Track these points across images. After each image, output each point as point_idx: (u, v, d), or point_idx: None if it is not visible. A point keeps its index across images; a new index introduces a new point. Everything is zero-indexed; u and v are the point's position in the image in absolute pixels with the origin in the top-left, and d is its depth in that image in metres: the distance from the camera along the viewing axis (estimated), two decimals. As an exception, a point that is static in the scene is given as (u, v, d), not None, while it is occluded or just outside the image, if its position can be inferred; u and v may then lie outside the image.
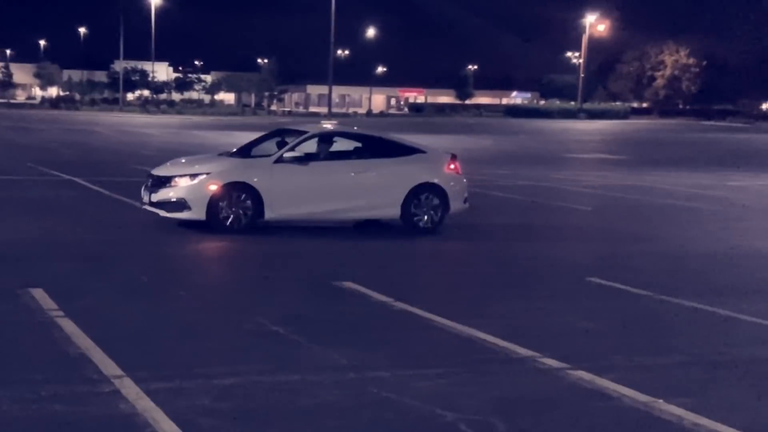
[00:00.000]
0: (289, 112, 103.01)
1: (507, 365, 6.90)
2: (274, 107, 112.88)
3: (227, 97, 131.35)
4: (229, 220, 12.34)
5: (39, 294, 8.19)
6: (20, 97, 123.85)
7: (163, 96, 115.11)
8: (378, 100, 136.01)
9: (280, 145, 13.15)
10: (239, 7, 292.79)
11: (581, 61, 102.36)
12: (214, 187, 12.27)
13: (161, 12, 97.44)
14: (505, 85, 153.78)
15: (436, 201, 13.46)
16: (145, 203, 12.74)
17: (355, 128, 15.47)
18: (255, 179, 12.46)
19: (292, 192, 12.67)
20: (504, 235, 14.29)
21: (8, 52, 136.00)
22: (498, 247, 13.09)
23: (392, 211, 13.29)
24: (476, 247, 13.01)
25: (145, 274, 9.80)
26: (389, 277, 10.41)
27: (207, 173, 12.44)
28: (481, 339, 7.54)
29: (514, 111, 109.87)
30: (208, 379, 6.10)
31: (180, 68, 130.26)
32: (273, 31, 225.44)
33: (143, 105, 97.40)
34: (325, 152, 13.38)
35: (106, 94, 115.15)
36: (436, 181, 13.53)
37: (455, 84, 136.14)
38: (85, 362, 6.32)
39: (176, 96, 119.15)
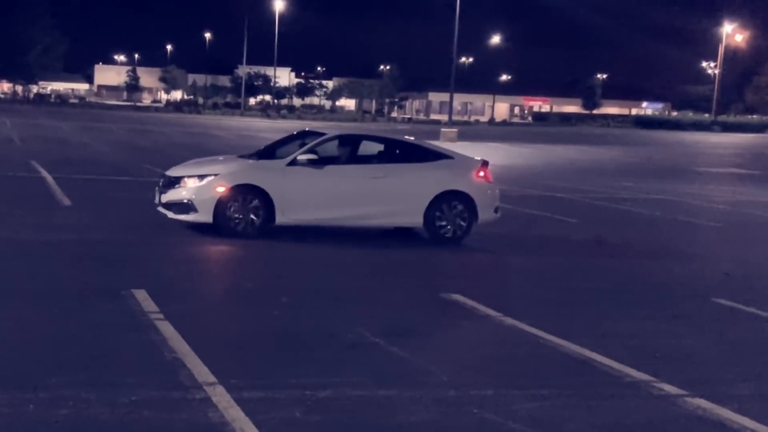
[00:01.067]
0: (409, 119, 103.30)
1: (619, 389, 6.42)
2: (394, 114, 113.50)
3: (348, 103, 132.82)
4: (238, 223, 11.89)
5: (141, 295, 8.16)
6: (146, 100, 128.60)
7: (285, 101, 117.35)
8: (501, 108, 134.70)
9: (302, 147, 12.66)
10: (363, 13, 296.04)
11: (717, 71, 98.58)
12: (221, 189, 11.86)
13: (286, 18, 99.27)
14: (635, 94, 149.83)
15: (462, 210, 12.74)
16: (157, 204, 12.51)
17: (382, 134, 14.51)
18: (265, 182, 11.97)
19: (306, 196, 12.14)
20: (623, 251, 13.58)
21: (136, 56, 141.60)
22: (615, 263, 12.43)
23: (414, 219, 12.66)
24: (591, 263, 12.35)
25: (251, 279, 9.70)
26: (496, 290, 10.09)
27: (215, 174, 12.05)
28: (593, 360, 7.08)
29: (643, 122, 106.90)
30: (301, 390, 5.88)
31: (302, 74, 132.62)
32: (396, 38, 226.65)
33: (264, 110, 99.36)
34: (344, 155, 12.92)
35: (229, 98, 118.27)
36: (462, 188, 12.81)
37: (582, 93, 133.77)
38: (179, 367, 6.20)
39: (297, 101, 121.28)
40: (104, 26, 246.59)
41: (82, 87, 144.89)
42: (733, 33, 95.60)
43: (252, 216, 12.01)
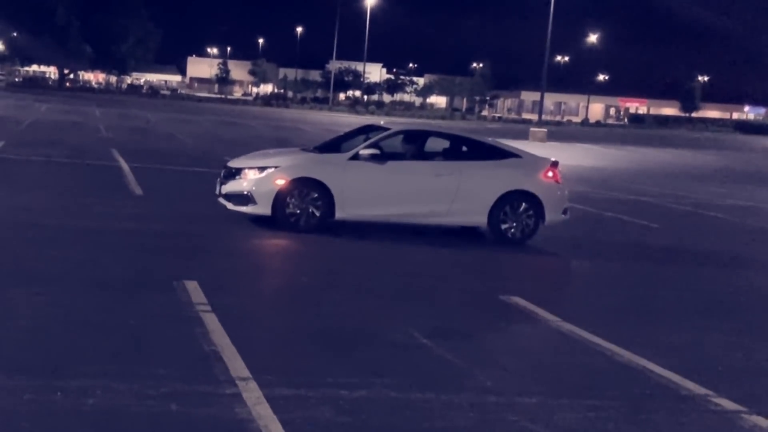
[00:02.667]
0: (500, 118, 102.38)
1: (673, 403, 6.04)
2: (485, 112, 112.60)
3: (439, 101, 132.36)
4: (297, 217, 11.73)
5: (192, 286, 8.07)
6: (237, 93, 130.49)
7: (374, 97, 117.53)
8: (596, 109, 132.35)
9: (366, 142, 12.40)
10: (457, 10, 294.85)
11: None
12: (281, 182, 11.70)
13: (379, 14, 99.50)
14: (737, 98, 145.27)
15: (528, 210, 12.36)
16: (217, 195, 12.41)
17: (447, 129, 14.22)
18: (326, 176, 11.78)
19: (366, 192, 11.89)
20: (702, 260, 12.98)
21: (228, 49, 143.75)
22: (691, 271, 11.86)
23: (478, 218, 12.31)
24: (665, 271, 11.81)
25: (305, 274, 9.55)
26: (558, 294, 9.76)
27: (275, 167, 11.87)
28: (650, 370, 6.70)
29: (744, 126, 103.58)
30: (336, 390, 5.68)
31: (394, 70, 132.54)
32: (490, 35, 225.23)
33: (352, 105, 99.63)
34: (408, 152, 12.60)
35: (319, 93, 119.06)
36: (529, 188, 12.41)
37: (681, 95, 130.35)
38: (215, 361, 6.06)
39: (387, 98, 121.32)
40: (198, 19, 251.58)
41: (174, 79, 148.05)
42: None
43: (311, 210, 11.88)
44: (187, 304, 7.52)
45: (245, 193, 11.93)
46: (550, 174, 12.72)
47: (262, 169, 12.03)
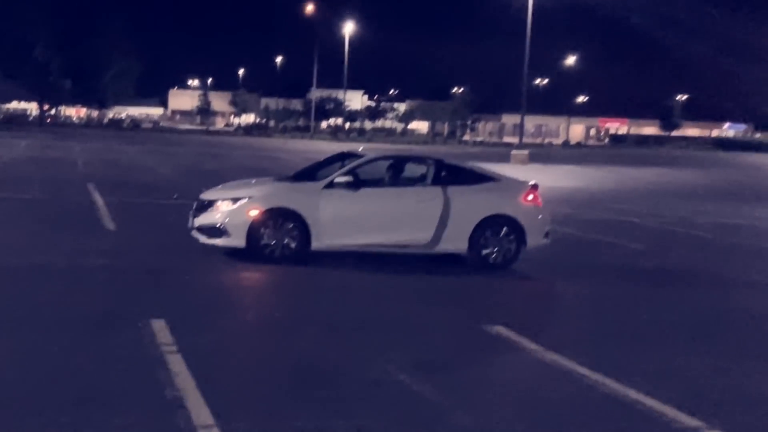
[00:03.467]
0: (481, 142, 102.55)
1: (666, 439, 5.69)
2: (466, 137, 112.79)
3: (421, 126, 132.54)
4: (272, 248, 11.41)
5: (159, 326, 7.70)
6: (219, 124, 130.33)
7: (356, 124, 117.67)
8: (576, 130, 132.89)
9: (341, 169, 12.10)
10: (438, 35, 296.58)
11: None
12: (255, 212, 11.41)
13: (360, 42, 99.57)
14: (717, 116, 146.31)
15: (510, 234, 12.08)
16: (190, 228, 12.08)
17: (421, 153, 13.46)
18: (300, 205, 11.50)
19: (342, 220, 11.58)
20: (690, 281, 12.69)
21: (209, 80, 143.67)
22: (680, 294, 11.55)
23: (458, 244, 11.98)
24: (653, 294, 11.51)
25: (279, 309, 9.16)
26: (543, 322, 9.44)
27: (248, 197, 11.58)
28: (641, 402, 6.37)
29: (724, 144, 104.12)
30: (306, 436, 5.32)
31: (375, 96, 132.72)
32: (470, 60, 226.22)
33: (333, 133, 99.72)
34: (385, 178, 12.31)
35: (301, 121, 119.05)
36: (509, 212, 12.16)
37: (661, 114, 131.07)
38: (177, 408, 5.68)
39: (369, 124, 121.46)
40: (180, 51, 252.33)
41: (156, 112, 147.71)
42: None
43: (287, 240, 11.54)
44: (152, 345, 7.15)
45: (218, 225, 11.58)
46: (530, 197, 12.45)
47: (234, 200, 11.70)
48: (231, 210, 11.59)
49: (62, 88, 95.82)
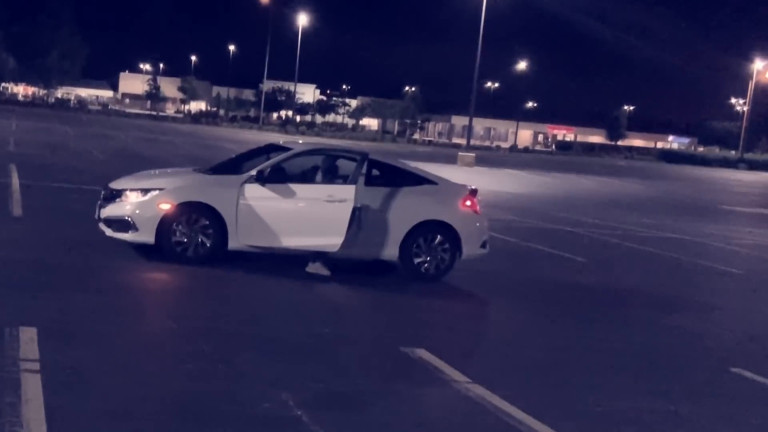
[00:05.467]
0: (430, 142, 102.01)
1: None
2: (416, 136, 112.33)
3: (371, 123, 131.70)
4: (185, 246, 10.42)
5: (28, 335, 6.63)
6: (169, 110, 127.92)
7: (307, 118, 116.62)
8: (524, 135, 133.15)
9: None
10: (392, 34, 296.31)
11: (746, 108, 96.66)
12: (166, 206, 10.38)
13: (314, 36, 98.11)
14: (661, 128, 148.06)
15: (444, 243, 11.20)
16: (97, 219, 11.03)
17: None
18: (217, 200, 10.46)
19: (262, 219, 10.52)
20: (632, 301, 11.95)
21: (161, 66, 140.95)
22: (621, 316, 10.80)
23: (389, 251, 11.04)
24: (593, 315, 10.76)
25: (177, 319, 8.09)
26: (470, 346, 8.54)
27: (160, 189, 10.55)
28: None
29: (668, 156, 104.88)
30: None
31: (327, 91, 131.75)
32: (423, 60, 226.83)
33: (283, 125, 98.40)
34: (313, 174, 11.25)
35: (252, 112, 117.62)
36: (445, 218, 11.25)
37: (607, 124, 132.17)
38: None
39: (319, 119, 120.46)
40: (134, 35, 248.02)
41: (106, 94, 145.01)
42: (764, 70, 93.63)
43: (201, 239, 10.52)
44: (11, 360, 6.09)
45: (126, 218, 10.52)
46: (468, 203, 11.58)
47: (145, 191, 10.63)
48: (141, 202, 10.54)
49: (5, 65, 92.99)
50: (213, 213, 10.50)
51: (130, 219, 10.48)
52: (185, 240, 10.49)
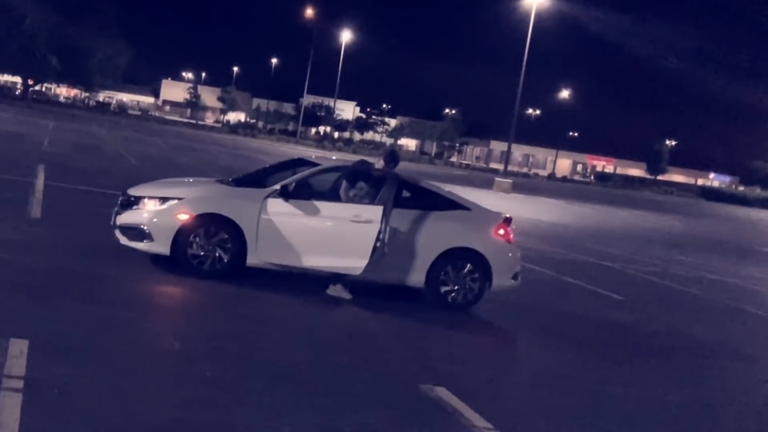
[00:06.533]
0: (467, 165, 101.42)
1: None
2: (453, 158, 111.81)
3: (409, 143, 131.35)
4: (201, 260, 9.91)
5: (18, 348, 6.11)
6: (208, 119, 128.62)
7: (345, 134, 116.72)
8: (563, 164, 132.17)
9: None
10: (436, 55, 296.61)
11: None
12: (184, 217, 9.89)
13: (357, 54, 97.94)
14: (703, 165, 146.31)
15: (474, 272, 10.60)
16: (113, 225, 10.52)
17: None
18: (238, 213, 9.94)
19: (285, 235, 9.99)
20: (668, 345, 11.25)
21: (203, 75, 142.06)
22: (656, 362, 10.09)
23: (415, 277, 10.47)
24: (631, 359, 10.10)
25: (184, 339, 7.54)
26: (494, 387, 7.87)
27: (179, 198, 10.06)
28: None
29: (709, 193, 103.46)
30: None
31: (367, 109, 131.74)
32: (465, 82, 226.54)
33: (320, 140, 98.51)
34: (337, 192, 10.58)
35: (291, 125, 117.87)
36: (476, 246, 10.66)
37: (648, 157, 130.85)
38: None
39: (357, 136, 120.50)
40: (177, 44, 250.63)
41: (147, 100, 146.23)
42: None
43: (218, 253, 10.01)
44: (-8, 376, 5.59)
45: (142, 226, 10.05)
46: (501, 231, 10.98)
47: (163, 200, 10.15)
48: (158, 211, 10.07)
49: (48, 65, 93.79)
50: (233, 226, 10.00)
51: (146, 228, 10.01)
52: (202, 253, 10.00)
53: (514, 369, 8.94)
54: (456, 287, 10.63)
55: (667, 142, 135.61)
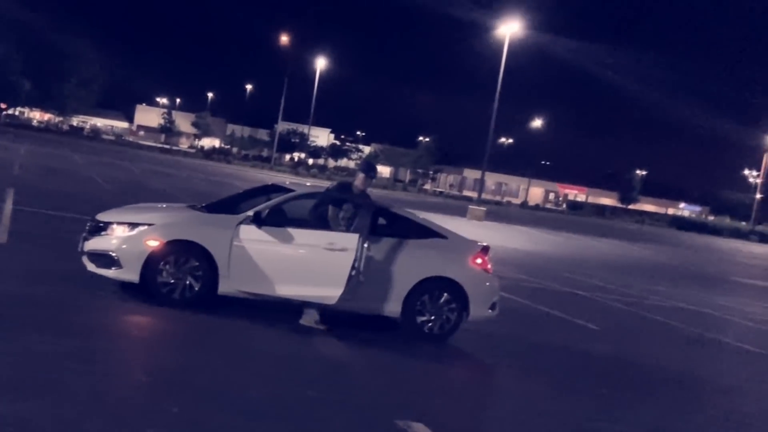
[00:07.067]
0: (440, 193, 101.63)
1: None
2: (427, 186, 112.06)
3: (383, 170, 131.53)
4: (172, 288, 9.64)
5: None
6: (183, 145, 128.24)
7: (320, 161, 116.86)
8: (536, 192, 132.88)
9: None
10: (409, 83, 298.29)
11: (759, 180, 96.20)
12: (154, 243, 9.62)
13: (332, 82, 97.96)
14: (674, 194, 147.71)
15: (451, 302, 10.41)
16: (80, 252, 10.25)
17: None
18: (209, 240, 9.68)
19: (257, 263, 9.74)
20: (648, 377, 11.09)
21: (177, 100, 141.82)
22: (636, 396, 9.91)
23: (391, 306, 10.23)
24: (611, 393, 9.91)
25: (150, 370, 7.24)
26: (472, 423, 7.56)
27: (149, 224, 9.79)
28: None
29: (679, 222, 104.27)
30: None
31: (342, 136, 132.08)
32: (438, 111, 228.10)
33: (294, 166, 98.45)
34: (312, 219, 10.27)
35: (265, 152, 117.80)
36: (452, 275, 10.46)
37: (620, 186, 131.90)
38: None
39: (332, 162, 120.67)
40: (151, 69, 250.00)
41: (121, 125, 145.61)
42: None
43: (189, 281, 9.74)
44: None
45: (110, 253, 9.76)
46: (479, 260, 10.79)
47: (133, 225, 9.87)
48: (127, 237, 9.79)
49: (20, 89, 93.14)
50: (204, 254, 9.75)
51: (114, 255, 9.73)
52: (172, 281, 9.73)
53: (494, 404, 8.69)
54: (432, 317, 10.42)
55: (639, 171, 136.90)
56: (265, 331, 9.51)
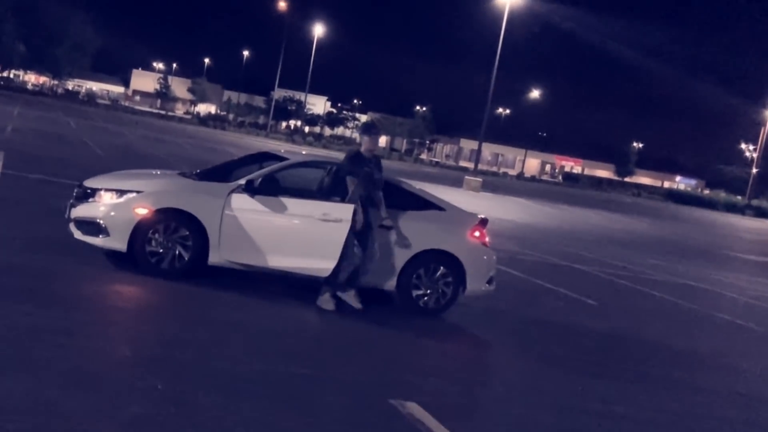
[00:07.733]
0: (437, 163, 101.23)
1: None
2: (423, 156, 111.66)
3: (379, 140, 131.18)
4: (160, 257, 9.36)
5: None
6: (179, 110, 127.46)
7: (316, 129, 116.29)
8: (532, 164, 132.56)
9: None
10: (407, 52, 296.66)
11: (756, 154, 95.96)
12: (143, 211, 9.31)
13: (330, 49, 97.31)
14: (670, 167, 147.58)
15: (447, 276, 10.14)
16: (67, 219, 9.96)
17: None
18: (200, 209, 9.39)
19: (248, 234, 9.45)
20: (647, 355, 10.86)
21: (174, 65, 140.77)
22: (636, 373, 9.67)
23: (385, 280, 9.99)
24: (610, 370, 9.67)
25: (135, 343, 6.97)
26: (469, 402, 7.29)
27: (138, 192, 9.47)
28: None
29: (675, 196, 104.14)
30: None
31: (338, 104, 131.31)
32: (436, 80, 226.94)
33: (290, 134, 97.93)
34: (308, 188, 10.15)
35: (262, 119, 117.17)
36: (449, 249, 10.16)
37: (616, 159, 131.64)
38: None
39: (328, 131, 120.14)
40: (148, 33, 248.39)
41: (117, 89, 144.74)
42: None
43: (179, 250, 9.44)
44: None
45: (97, 220, 9.45)
46: (477, 234, 10.49)
47: (121, 192, 9.56)
48: (115, 204, 9.48)
49: (14, 52, 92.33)
50: (194, 223, 9.44)
51: (101, 222, 9.42)
52: (161, 250, 9.43)
53: (489, 383, 8.41)
54: (428, 291, 10.16)
55: (635, 144, 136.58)
56: (256, 304, 9.23)
